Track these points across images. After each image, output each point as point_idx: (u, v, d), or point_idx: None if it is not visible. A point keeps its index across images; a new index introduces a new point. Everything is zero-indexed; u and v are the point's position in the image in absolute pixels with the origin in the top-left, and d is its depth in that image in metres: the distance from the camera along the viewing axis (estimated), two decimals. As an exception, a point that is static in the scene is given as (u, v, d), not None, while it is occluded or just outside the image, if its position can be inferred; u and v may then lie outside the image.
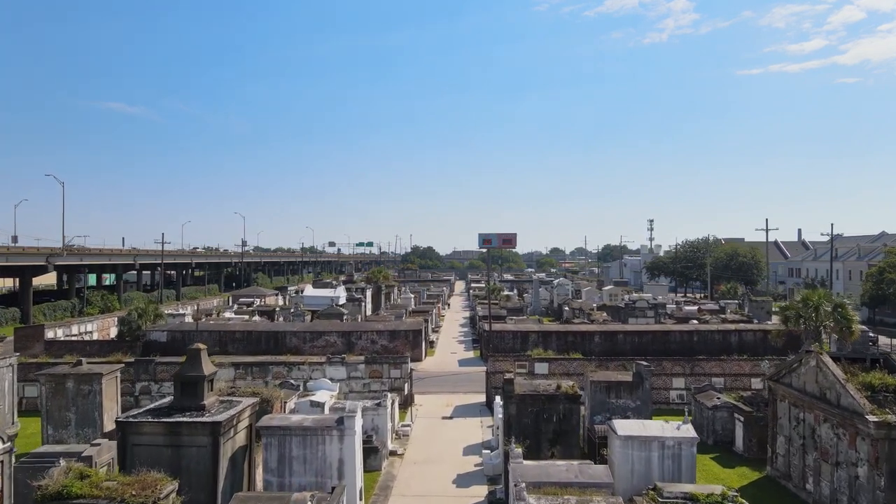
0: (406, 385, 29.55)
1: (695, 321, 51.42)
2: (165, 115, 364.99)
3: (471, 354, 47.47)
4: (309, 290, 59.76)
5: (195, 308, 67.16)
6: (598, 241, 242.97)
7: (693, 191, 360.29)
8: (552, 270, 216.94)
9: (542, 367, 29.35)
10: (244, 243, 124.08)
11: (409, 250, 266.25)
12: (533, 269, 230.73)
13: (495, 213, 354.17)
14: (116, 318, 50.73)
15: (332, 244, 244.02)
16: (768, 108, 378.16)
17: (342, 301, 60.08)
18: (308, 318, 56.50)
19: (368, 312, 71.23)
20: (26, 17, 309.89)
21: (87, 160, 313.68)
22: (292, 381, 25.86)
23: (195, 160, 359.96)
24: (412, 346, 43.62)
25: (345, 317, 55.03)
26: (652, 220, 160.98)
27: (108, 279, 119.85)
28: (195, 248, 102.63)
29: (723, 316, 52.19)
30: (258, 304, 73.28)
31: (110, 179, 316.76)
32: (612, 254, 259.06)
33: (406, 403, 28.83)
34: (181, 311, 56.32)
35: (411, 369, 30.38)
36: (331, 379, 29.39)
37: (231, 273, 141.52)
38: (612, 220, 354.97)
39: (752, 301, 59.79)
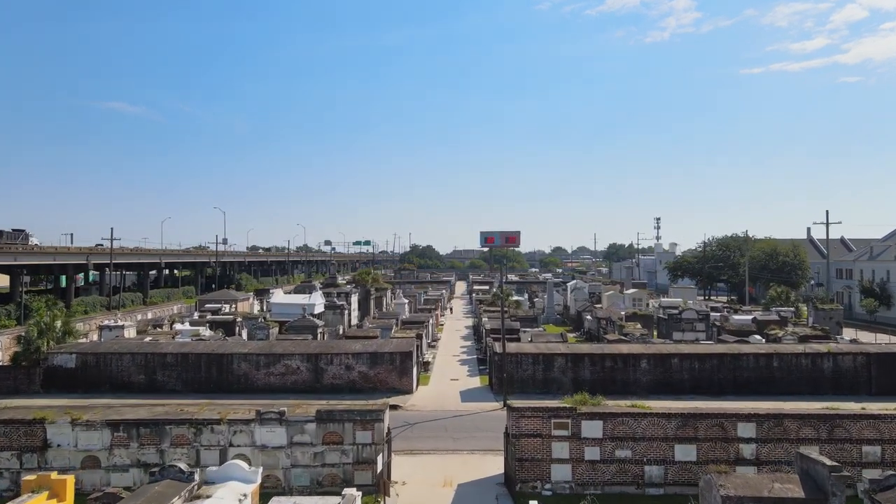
0: (381, 455, 18.92)
1: (757, 336, 40.85)
2: (166, 114, 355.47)
3: (476, 382, 36.81)
4: (278, 297, 49.12)
5: (144, 317, 56.59)
6: (601, 239, 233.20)
7: (695, 189, 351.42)
8: (558, 270, 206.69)
9: (592, 429, 18.76)
10: (225, 241, 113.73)
11: (407, 249, 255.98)
12: (537, 269, 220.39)
13: (496, 212, 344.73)
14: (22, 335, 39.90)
15: (327, 243, 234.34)
16: (770, 108, 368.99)
17: (319, 309, 49.48)
18: (275, 330, 45.94)
19: (354, 321, 60.70)
20: (27, 16, 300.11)
21: (87, 159, 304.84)
22: (182, 467, 15.33)
23: (193, 159, 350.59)
24: (399, 373, 33.08)
25: (320, 329, 44.48)
26: (659, 219, 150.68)
27: (81, 279, 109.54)
28: (143, 246, 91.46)
29: (792, 329, 41.55)
30: (227, 310, 62.70)
31: (107, 179, 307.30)
32: (617, 253, 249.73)
33: (379, 488, 18.22)
34: (120, 323, 45.62)
35: (388, 430, 19.73)
36: (263, 447, 18.81)
37: (213, 274, 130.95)
38: (615, 218, 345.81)
39: (819, 310, 49.05)
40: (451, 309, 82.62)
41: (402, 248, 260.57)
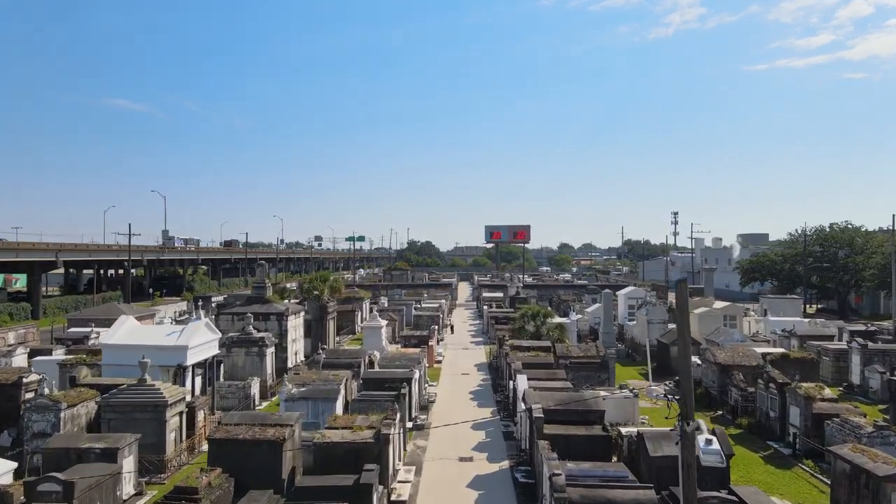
0: None
1: None
2: (166, 111, 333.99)
3: None
4: (119, 331, 24.78)
5: None
6: (607, 236, 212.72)
7: (696, 188, 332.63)
8: (573, 270, 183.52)
9: None
10: (165, 233, 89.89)
11: (405, 246, 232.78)
12: (548, 268, 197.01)
13: (498, 208, 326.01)
14: None
15: (318, 238, 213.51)
16: (773, 104, 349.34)
17: (205, 353, 25.59)
18: (86, 411, 22.04)
19: (298, 358, 37.04)
20: (27, 15, 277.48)
21: (87, 158, 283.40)
22: None
23: (192, 157, 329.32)
24: None
25: (175, 409, 20.75)
26: (676, 213, 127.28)
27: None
28: (44, 240, 67.66)
29: None
30: (96, 342, 38.83)
31: (107, 177, 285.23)
32: (634, 249, 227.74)
33: None
34: None
35: None
36: None
37: (167, 274, 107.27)
38: (617, 217, 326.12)
39: None
40: (451, 328, 58.74)
41: (399, 245, 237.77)
